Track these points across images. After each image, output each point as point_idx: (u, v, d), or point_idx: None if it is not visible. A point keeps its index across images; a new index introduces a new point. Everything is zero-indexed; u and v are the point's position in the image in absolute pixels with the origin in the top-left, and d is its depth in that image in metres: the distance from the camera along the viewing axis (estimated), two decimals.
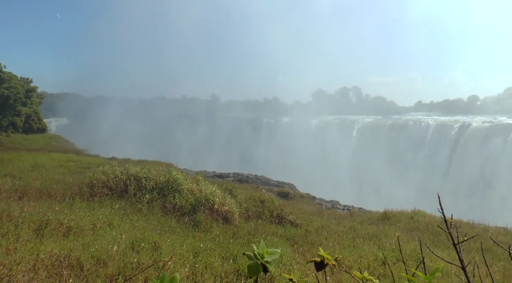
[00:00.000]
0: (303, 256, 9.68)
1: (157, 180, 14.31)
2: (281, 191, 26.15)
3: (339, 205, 25.13)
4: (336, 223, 15.62)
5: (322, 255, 2.11)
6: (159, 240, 8.54)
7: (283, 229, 13.41)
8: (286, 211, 15.20)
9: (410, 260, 9.89)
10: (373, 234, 13.31)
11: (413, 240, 12.58)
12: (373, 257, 9.83)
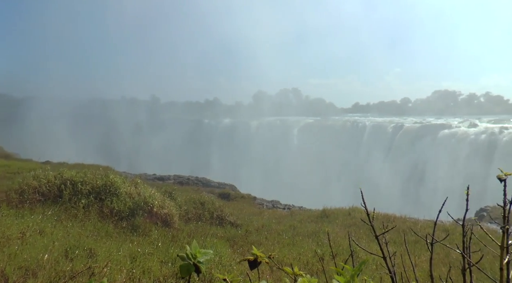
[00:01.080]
0: (243, 256, 9.73)
1: (94, 184, 13.77)
2: (222, 193, 26.11)
3: (279, 205, 25.49)
4: (276, 222, 15.83)
5: (255, 253, 2.13)
6: (95, 246, 8.22)
7: (224, 230, 13.39)
8: (226, 212, 15.20)
9: (346, 255, 10.24)
10: (312, 231, 13.63)
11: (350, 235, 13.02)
12: (312, 253, 10.07)
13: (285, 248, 11.23)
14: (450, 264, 9.99)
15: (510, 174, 1.70)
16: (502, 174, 1.65)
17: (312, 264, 9.39)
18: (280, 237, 12.81)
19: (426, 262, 10.23)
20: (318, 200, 30.06)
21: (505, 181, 1.69)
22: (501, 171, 1.63)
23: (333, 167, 66.87)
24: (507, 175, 1.67)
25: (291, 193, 52.77)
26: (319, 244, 11.93)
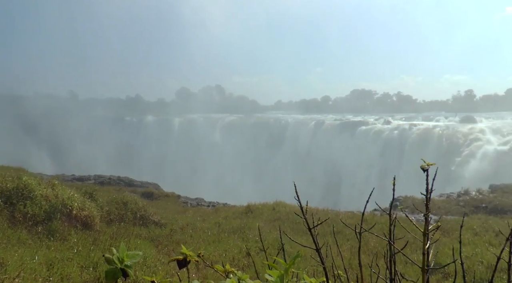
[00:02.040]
0: (168, 256, 9.51)
1: (3, 187, 12.67)
2: (145, 192, 25.38)
3: (204, 202, 25.31)
4: (201, 220, 15.70)
5: (184, 253, 2.05)
6: (4, 256, 7.55)
7: (148, 230, 13.01)
8: (150, 211, 14.78)
9: (272, 249, 10.40)
10: (238, 227, 13.69)
11: (275, 229, 13.24)
12: (238, 249, 10.10)
13: (210, 245, 11.17)
14: (368, 252, 10.53)
15: (432, 165, 1.76)
16: (425, 165, 1.71)
17: (238, 260, 9.41)
18: (206, 235, 12.71)
19: (348, 251, 10.70)
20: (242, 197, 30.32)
21: (428, 171, 1.75)
22: (424, 161, 1.70)
23: (256, 163, 67.84)
24: (429, 165, 1.74)
25: (215, 190, 52.74)
26: (244, 240, 12.00)
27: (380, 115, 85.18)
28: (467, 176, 44.61)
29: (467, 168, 48.45)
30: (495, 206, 19.54)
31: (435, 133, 58.76)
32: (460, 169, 48.70)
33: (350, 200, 40.37)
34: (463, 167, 49.10)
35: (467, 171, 47.60)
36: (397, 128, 64.19)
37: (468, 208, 19.85)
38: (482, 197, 21.51)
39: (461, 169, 48.81)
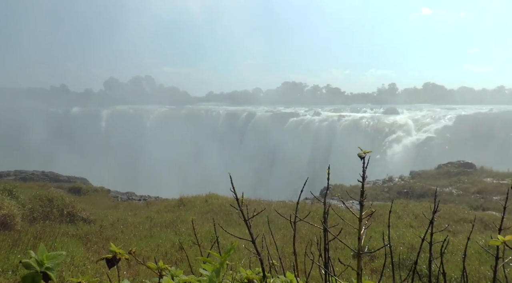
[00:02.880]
0: (98, 253, 9.12)
1: None
2: (72, 187, 24.15)
3: (135, 196, 24.61)
4: (132, 215, 15.24)
5: (113, 250, 1.93)
6: None
7: (75, 227, 12.39)
8: (78, 208, 14.09)
9: (205, 242, 10.33)
10: (170, 221, 13.44)
11: (208, 222, 13.17)
12: (171, 244, 9.91)
13: (142, 240, 10.87)
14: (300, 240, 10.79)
15: (369, 152, 1.79)
16: (361, 153, 1.73)
17: (171, 255, 9.25)
18: (137, 230, 12.35)
19: (280, 240, 10.89)
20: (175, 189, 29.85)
21: (364, 159, 1.77)
22: (361, 149, 1.71)
23: (188, 155, 67.06)
24: (366, 153, 1.76)
25: (147, 183, 51.51)
26: (177, 234, 11.82)
27: (310, 107, 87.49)
28: (391, 164, 47.18)
29: (391, 156, 51.28)
30: (414, 191, 20.89)
31: (362, 124, 61.51)
32: (385, 157, 51.44)
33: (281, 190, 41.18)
34: (387, 155, 51.92)
35: (391, 159, 50.38)
36: (327, 119, 66.43)
37: (392, 194, 21.04)
38: (404, 183, 22.90)
39: (385, 157, 51.56)
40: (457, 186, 22.01)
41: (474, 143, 46.80)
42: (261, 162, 63.25)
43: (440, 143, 50.16)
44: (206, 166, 62.50)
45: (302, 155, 59.28)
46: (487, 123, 51.87)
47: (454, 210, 15.96)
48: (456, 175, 24.63)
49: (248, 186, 54.08)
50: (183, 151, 67.41)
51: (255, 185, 56.23)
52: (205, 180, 51.56)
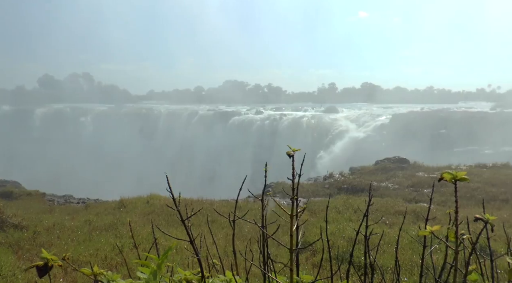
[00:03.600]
0: (31, 262, 8.65)
1: None
2: (3, 191, 22.76)
3: (73, 199, 23.59)
4: (70, 219, 14.60)
5: (45, 257, 1.83)
6: None
7: (5, 234, 11.66)
8: (8, 213, 13.26)
9: (146, 244, 10.11)
10: (110, 224, 13.02)
11: (149, 223, 12.89)
12: (111, 247, 9.61)
13: (80, 245, 10.44)
14: (243, 238, 10.84)
15: (297, 150, 1.82)
16: (290, 151, 1.76)
17: (111, 259, 8.96)
18: (75, 234, 11.84)
19: (223, 239, 10.88)
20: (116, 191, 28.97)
21: (293, 157, 1.80)
22: (290, 147, 1.74)
23: (129, 155, 65.27)
24: (295, 151, 1.79)
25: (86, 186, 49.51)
26: (117, 236, 11.47)
27: (252, 106, 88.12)
28: (332, 161, 48.57)
29: (331, 153, 52.77)
30: (354, 186, 21.64)
31: (303, 122, 62.84)
32: (326, 155, 52.87)
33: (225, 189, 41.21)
34: (328, 152, 53.39)
35: (331, 156, 51.86)
36: (269, 118, 67.24)
37: (333, 190, 21.67)
38: (344, 179, 23.64)
39: (326, 154, 53.00)
40: (393, 180, 23.06)
41: (408, 139, 49.27)
42: (205, 161, 62.86)
43: (378, 140, 52.35)
44: (148, 166, 61.16)
45: (245, 153, 59.60)
46: (419, 121, 54.77)
47: (391, 203, 16.71)
48: (392, 170, 25.79)
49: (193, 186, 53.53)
50: (123, 151, 65.52)
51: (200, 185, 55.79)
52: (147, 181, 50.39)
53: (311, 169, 44.39)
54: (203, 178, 59.92)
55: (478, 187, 20.22)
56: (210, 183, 57.27)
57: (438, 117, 55.89)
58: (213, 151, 63.31)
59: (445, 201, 17.63)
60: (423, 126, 52.55)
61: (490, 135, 48.78)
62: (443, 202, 17.47)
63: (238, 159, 58.74)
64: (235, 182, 37.39)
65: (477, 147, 47.88)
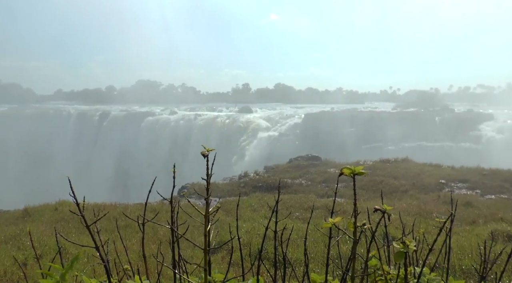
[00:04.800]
0: None
1: None
2: None
3: None
4: None
5: None
6: None
7: None
8: None
9: (54, 254, 9.50)
10: (12, 235, 12.03)
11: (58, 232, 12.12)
12: (12, 261, 8.88)
13: None
14: (158, 241, 10.61)
15: (212, 150, 1.82)
16: (204, 151, 1.76)
17: (12, 273, 8.29)
18: None
19: (137, 243, 10.58)
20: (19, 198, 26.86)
21: (208, 157, 1.81)
22: (204, 147, 1.74)
23: (34, 159, 60.90)
24: (209, 151, 1.79)
25: None
26: (20, 249, 10.65)
27: (166, 106, 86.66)
28: (247, 160, 49.29)
29: (246, 153, 53.52)
30: (269, 184, 22.15)
31: (218, 123, 63.02)
32: (241, 154, 53.51)
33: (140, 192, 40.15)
34: (243, 152, 54.08)
35: (246, 155, 52.60)
36: (183, 118, 66.53)
37: (248, 188, 21.98)
38: (259, 177, 24.09)
39: (241, 154, 53.65)
40: (306, 177, 23.96)
41: (320, 138, 51.54)
42: (118, 164, 60.59)
43: (291, 139, 54.11)
44: (57, 170, 57.48)
45: (160, 155, 58.41)
46: (329, 120, 57.49)
47: (304, 199, 17.36)
48: (305, 167, 26.78)
49: (105, 190, 51.45)
50: (28, 155, 61.01)
51: (113, 188, 53.68)
52: (56, 186, 47.35)
53: (227, 169, 44.69)
54: (116, 181, 57.74)
55: (383, 180, 21.71)
56: (124, 187, 55.36)
57: (347, 117, 59.09)
58: (127, 153, 61.29)
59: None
60: (333, 125, 55.25)
61: (392, 132, 52.66)
62: (352, 196, 18.50)
63: (153, 161, 57.35)
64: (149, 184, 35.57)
65: (381, 144, 51.43)
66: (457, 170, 24.71)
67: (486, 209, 15.35)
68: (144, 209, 2.36)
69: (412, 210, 14.78)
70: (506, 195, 18.71)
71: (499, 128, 53.20)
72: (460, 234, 10.38)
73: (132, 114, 70.58)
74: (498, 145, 49.03)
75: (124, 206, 16.74)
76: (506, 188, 20.10)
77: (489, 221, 12.41)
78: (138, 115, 69.27)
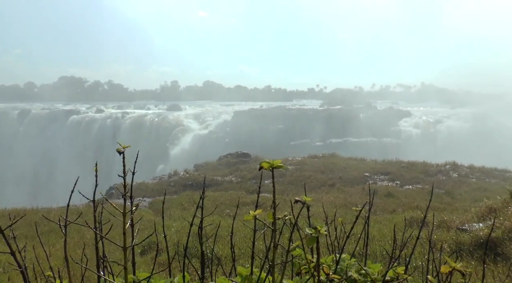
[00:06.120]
0: None
1: None
2: None
3: None
4: None
5: None
6: None
7: None
8: None
9: None
10: None
11: None
12: None
13: None
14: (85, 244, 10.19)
15: (127, 147, 1.82)
16: (120, 148, 1.76)
17: None
18: None
19: (61, 249, 10.08)
20: None
21: (124, 154, 1.80)
22: (120, 144, 1.73)
23: None
24: (125, 148, 1.79)
25: None
26: None
27: (92, 104, 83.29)
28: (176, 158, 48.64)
29: (176, 151, 52.82)
30: (199, 182, 22.07)
31: (147, 121, 61.62)
32: (171, 152, 52.72)
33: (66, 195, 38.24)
34: (173, 150, 53.31)
35: (176, 154, 51.92)
36: (110, 116, 64.30)
37: (178, 187, 21.75)
38: (189, 176, 23.92)
39: (171, 152, 52.86)
40: (236, 174, 24.12)
41: (250, 135, 52.07)
42: (40, 166, 57.21)
43: (221, 136, 54.18)
44: None
45: (86, 154, 55.97)
46: (259, 118, 58.28)
47: (234, 196, 17.50)
48: (235, 164, 26.95)
49: (26, 194, 48.47)
50: None
51: (35, 193, 50.62)
52: None
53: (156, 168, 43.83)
54: (39, 185, 54.52)
55: (311, 175, 22.44)
56: (47, 190, 52.33)
57: (276, 114, 60.24)
58: (50, 154, 58.05)
59: (284, 190, 19.16)
60: (263, 123, 56.10)
61: (320, 129, 54.52)
62: (282, 191, 18.95)
63: (79, 161, 54.77)
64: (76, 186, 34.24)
65: (309, 140, 53.07)
66: (379, 163, 26.14)
67: (405, 198, 16.43)
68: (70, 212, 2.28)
69: (338, 202, 15.43)
70: (421, 185, 20.12)
71: (416, 124, 57.07)
72: (382, 222, 11.00)
73: (55, 113, 66.98)
74: (415, 139, 52.57)
75: (47, 210, 15.89)
76: (421, 178, 21.63)
77: (407, 209, 13.29)
78: (61, 114, 65.90)
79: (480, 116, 57.23)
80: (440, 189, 18.96)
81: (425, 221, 9.15)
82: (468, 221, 9.05)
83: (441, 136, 52.89)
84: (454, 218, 9.55)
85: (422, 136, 53.42)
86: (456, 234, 8.11)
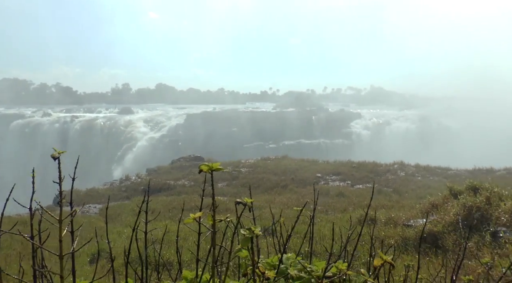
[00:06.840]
0: None
1: None
2: None
3: None
4: None
5: None
6: None
7: None
8: None
9: None
10: None
11: None
12: None
13: None
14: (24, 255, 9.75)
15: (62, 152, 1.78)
16: (55, 153, 1.71)
17: None
18: None
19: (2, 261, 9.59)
20: None
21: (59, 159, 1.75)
22: (55, 150, 1.69)
23: None
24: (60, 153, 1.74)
25: None
26: None
27: (38, 107, 79.89)
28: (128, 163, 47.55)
29: (128, 155, 51.62)
30: (152, 187, 21.67)
31: (97, 124, 59.87)
32: (122, 157, 51.46)
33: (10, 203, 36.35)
34: (124, 155, 52.06)
35: (128, 158, 50.73)
36: (58, 121, 62.03)
37: (130, 192, 21.28)
38: (141, 181, 23.46)
39: (122, 157, 51.60)
40: (189, 178, 23.90)
41: (202, 138, 51.73)
42: None
43: (174, 140, 53.51)
44: None
45: (32, 161, 53.55)
46: (212, 120, 58.07)
47: (187, 199, 17.32)
48: (188, 168, 26.71)
49: None
50: None
51: None
52: None
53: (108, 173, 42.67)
54: None
55: (264, 177, 22.61)
56: None
57: (229, 117, 60.25)
58: None
59: (237, 193, 19.19)
60: (216, 125, 55.92)
61: (273, 131, 55.04)
62: (236, 193, 18.97)
63: (24, 168, 52.32)
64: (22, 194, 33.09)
65: (262, 143, 53.44)
66: (331, 164, 26.74)
67: (355, 197, 16.91)
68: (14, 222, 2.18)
69: (291, 203, 15.64)
70: (370, 184, 20.79)
71: (366, 125, 58.89)
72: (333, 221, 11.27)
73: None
74: (365, 140, 54.21)
75: None
76: (371, 178, 22.35)
77: (357, 208, 13.67)
78: (4, 118, 62.78)
79: (424, 118, 59.90)
80: (389, 188, 19.66)
81: (375, 219, 9.47)
82: (413, 217, 9.46)
83: (390, 137, 54.89)
84: (401, 215, 9.95)
85: (372, 137, 55.19)
86: (402, 230, 8.45)
